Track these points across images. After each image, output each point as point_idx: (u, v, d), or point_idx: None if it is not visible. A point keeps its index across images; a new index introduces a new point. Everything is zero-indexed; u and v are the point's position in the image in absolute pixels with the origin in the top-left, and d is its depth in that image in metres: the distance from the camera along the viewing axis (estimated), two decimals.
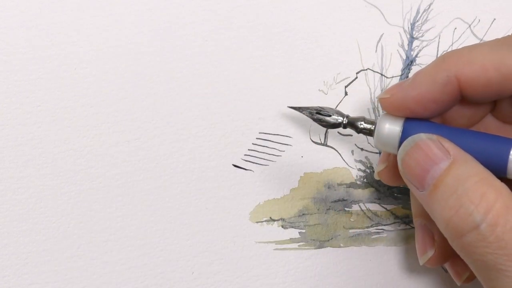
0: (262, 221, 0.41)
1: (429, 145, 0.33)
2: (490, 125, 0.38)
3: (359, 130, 0.38)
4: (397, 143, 0.36)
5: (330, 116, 0.39)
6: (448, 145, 0.33)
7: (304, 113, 0.39)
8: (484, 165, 0.33)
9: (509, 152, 0.33)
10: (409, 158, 0.34)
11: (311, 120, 0.39)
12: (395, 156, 0.36)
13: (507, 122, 0.38)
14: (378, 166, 0.39)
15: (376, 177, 0.39)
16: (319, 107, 0.39)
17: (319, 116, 0.39)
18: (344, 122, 0.38)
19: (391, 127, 0.36)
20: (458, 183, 0.31)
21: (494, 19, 0.44)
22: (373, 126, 0.37)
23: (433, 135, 0.34)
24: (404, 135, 0.35)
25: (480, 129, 0.38)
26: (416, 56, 0.44)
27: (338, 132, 0.42)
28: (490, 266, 0.31)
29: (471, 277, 0.39)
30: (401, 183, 0.38)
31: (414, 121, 0.36)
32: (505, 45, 0.34)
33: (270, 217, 0.41)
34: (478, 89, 0.35)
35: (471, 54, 0.35)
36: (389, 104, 0.36)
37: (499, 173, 0.33)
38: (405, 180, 0.34)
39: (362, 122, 0.38)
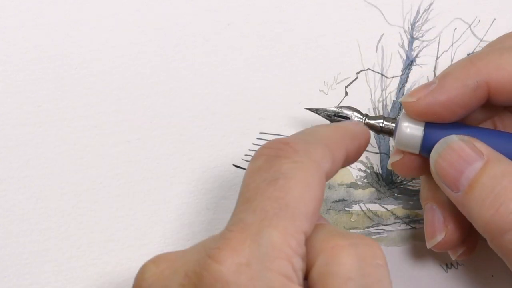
0: None
1: (462, 146, 0.33)
2: (505, 119, 0.38)
3: (379, 130, 0.37)
4: (419, 143, 0.35)
5: (349, 118, 0.38)
6: (480, 145, 0.33)
7: (321, 115, 0.39)
8: None
9: None
10: (442, 160, 0.33)
11: (312, 120, 0.39)
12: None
13: None
14: (393, 157, 0.38)
15: (389, 167, 0.38)
16: (337, 108, 0.38)
17: (337, 119, 0.38)
18: (363, 122, 0.37)
19: (413, 126, 0.35)
20: (494, 182, 0.32)
21: (494, 19, 0.44)
22: (394, 126, 0.36)
23: (465, 136, 0.34)
24: (426, 135, 0.35)
25: (495, 123, 0.38)
26: (416, 56, 0.44)
27: None
28: None
29: (466, 253, 0.39)
30: (414, 175, 0.38)
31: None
32: None
33: None
34: (507, 94, 0.35)
35: (501, 59, 0.34)
36: (415, 109, 0.35)
37: None
38: (438, 182, 0.34)
39: (382, 121, 0.37)
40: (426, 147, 0.35)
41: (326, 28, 0.43)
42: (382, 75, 0.43)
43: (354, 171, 0.42)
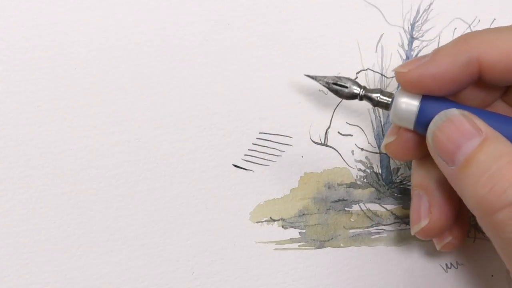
0: (262, 221, 0.41)
1: (462, 120, 0.33)
2: (500, 109, 0.38)
3: (376, 103, 0.37)
4: (413, 118, 0.35)
5: (347, 87, 0.38)
6: (480, 122, 0.33)
7: (320, 83, 0.39)
8: None
9: None
10: (440, 132, 0.34)
11: (311, 120, 0.39)
12: (406, 130, 0.37)
13: None
14: (386, 138, 0.38)
15: (383, 149, 0.39)
16: (336, 77, 0.38)
17: (336, 87, 0.38)
18: (361, 93, 0.38)
19: (408, 102, 0.35)
20: (491, 161, 0.32)
21: (494, 19, 0.44)
22: (390, 100, 0.37)
23: (466, 111, 0.34)
24: (421, 111, 0.35)
25: None
26: (416, 56, 0.44)
27: (338, 132, 0.42)
28: None
29: (452, 245, 0.39)
30: (407, 158, 0.38)
31: (432, 97, 0.35)
32: None
33: (270, 217, 0.41)
34: (498, 72, 0.35)
35: (494, 37, 0.35)
36: (406, 79, 0.35)
37: None
38: (434, 154, 0.34)
39: (379, 95, 0.37)
40: (421, 122, 0.35)
41: (326, 28, 0.43)
42: (382, 75, 0.43)
43: (354, 171, 0.43)
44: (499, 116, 0.35)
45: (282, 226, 0.41)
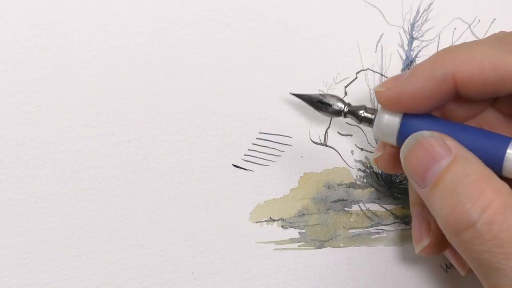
0: (262, 221, 0.41)
1: (431, 142, 0.33)
2: (491, 117, 0.38)
3: (360, 119, 0.38)
4: (395, 134, 0.36)
5: (330, 105, 0.39)
6: (450, 142, 0.33)
7: (305, 101, 0.39)
8: None
9: (505, 150, 0.33)
10: (411, 155, 0.34)
11: (311, 120, 0.39)
12: (391, 145, 0.37)
13: (508, 115, 0.38)
14: (375, 153, 0.39)
15: (373, 164, 0.39)
16: (320, 95, 0.39)
17: (320, 105, 0.39)
18: (344, 110, 0.38)
19: (390, 118, 0.36)
20: (457, 181, 0.32)
21: (494, 19, 0.44)
22: (374, 116, 0.37)
23: (436, 132, 0.34)
24: (403, 127, 0.35)
25: (480, 122, 0.38)
26: (416, 56, 0.44)
27: (338, 132, 0.42)
28: (487, 264, 0.31)
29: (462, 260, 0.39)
30: (397, 171, 0.38)
31: (413, 113, 0.36)
32: (504, 44, 0.34)
33: (270, 217, 0.41)
34: (473, 87, 0.34)
35: (469, 52, 0.34)
36: (384, 98, 0.36)
37: (495, 171, 0.33)
38: (408, 177, 0.34)
39: (363, 111, 0.38)
40: (403, 138, 0.35)
41: (326, 28, 0.43)
42: (381, 75, 0.43)
43: (354, 171, 0.43)
44: (481, 132, 0.35)
45: (282, 226, 0.41)
